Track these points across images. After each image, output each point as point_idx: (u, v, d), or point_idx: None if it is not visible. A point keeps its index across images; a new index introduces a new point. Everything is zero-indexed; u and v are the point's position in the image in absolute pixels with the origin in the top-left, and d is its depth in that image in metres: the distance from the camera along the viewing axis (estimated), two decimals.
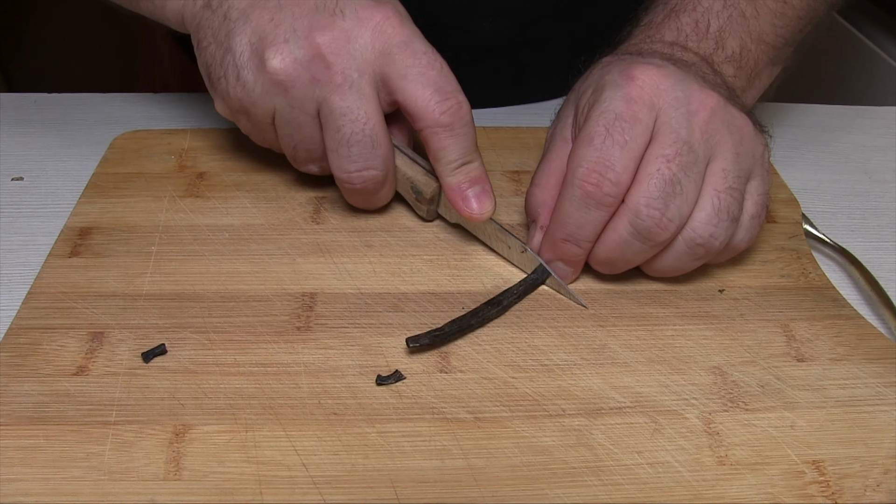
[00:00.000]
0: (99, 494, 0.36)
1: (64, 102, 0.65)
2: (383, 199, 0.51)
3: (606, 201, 0.44)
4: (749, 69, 0.53)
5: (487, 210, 0.48)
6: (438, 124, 0.46)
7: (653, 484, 0.37)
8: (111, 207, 0.52)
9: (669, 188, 0.43)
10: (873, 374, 0.43)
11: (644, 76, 0.45)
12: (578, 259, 0.46)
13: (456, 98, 0.46)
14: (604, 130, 0.44)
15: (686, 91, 0.45)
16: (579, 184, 0.44)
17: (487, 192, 0.48)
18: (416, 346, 0.42)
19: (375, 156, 0.47)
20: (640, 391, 0.41)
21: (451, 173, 0.47)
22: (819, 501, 0.37)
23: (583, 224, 0.45)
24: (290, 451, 0.37)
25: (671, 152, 0.43)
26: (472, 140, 0.47)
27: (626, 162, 0.43)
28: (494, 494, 0.36)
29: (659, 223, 0.43)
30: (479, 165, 0.48)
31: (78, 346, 0.42)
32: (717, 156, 0.44)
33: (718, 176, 0.44)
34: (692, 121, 0.44)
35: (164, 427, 0.38)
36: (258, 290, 0.46)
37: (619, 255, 0.45)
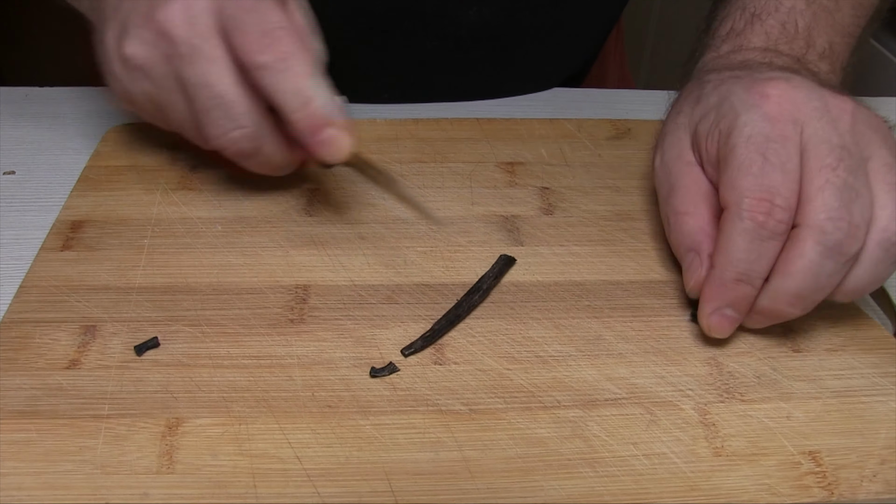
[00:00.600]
0: (92, 488, 0.35)
1: (56, 96, 0.65)
2: (277, 160, 0.49)
3: (780, 229, 0.40)
4: (840, 64, 0.51)
5: (344, 148, 0.45)
6: (257, 66, 0.44)
7: (648, 475, 0.37)
8: (103, 201, 0.52)
9: (846, 195, 0.40)
10: (869, 364, 0.43)
11: (776, 91, 0.42)
12: (749, 301, 0.42)
13: (273, 34, 0.44)
14: (759, 156, 0.41)
15: (821, 99, 0.42)
16: (748, 216, 0.40)
17: (339, 130, 0.45)
18: (410, 352, 0.42)
19: (237, 114, 0.45)
20: (636, 382, 0.41)
21: (292, 118, 0.44)
22: (815, 492, 0.37)
23: (757, 258, 0.41)
24: (284, 444, 0.37)
25: (832, 161, 0.40)
26: (303, 72, 0.44)
27: (790, 184, 0.40)
28: (489, 486, 0.36)
29: (849, 233, 0.39)
30: (324, 101, 0.44)
31: (70, 339, 0.42)
32: (872, 155, 0.41)
33: (883, 171, 0.41)
34: (838, 127, 0.41)
35: (157, 420, 0.38)
36: (251, 283, 0.46)
37: (812, 282, 0.40)
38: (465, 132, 0.60)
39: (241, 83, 0.45)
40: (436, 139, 0.59)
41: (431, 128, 0.60)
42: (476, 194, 0.54)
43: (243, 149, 0.47)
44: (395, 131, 0.60)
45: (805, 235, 0.40)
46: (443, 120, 0.61)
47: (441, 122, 0.61)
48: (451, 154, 0.57)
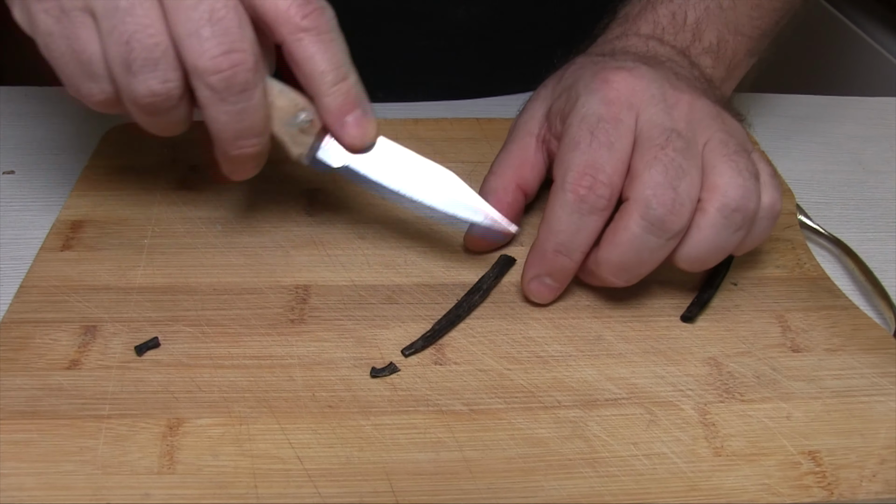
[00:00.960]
0: (92, 488, 0.35)
1: (55, 95, 0.65)
2: (258, 118, 0.41)
3: (600, 204, 0.42)
4: (727, 60, 0.52)
5: (370, 137, 0.44)
6: (301, 28, 0.40)
7: (648, 475, 0.37)
8: (103, 200, 0.52)
9: (672, 171, 0.41)
10: (869, 364, 0.43)
11: (618, 78, 0.44)
12: (567, 273, 0.44)
13: (316, 3, 0.41)
14: (588, 134, 0.42)
15: (661, 89, 0.44)
16: (571, 188, 0.42)
17: (368, 115, 0.43)
18: (411, 353, 0.42)
19: (244, 37, 0.39)
20: (636, 382, 0.41)
21: (327, 91, 0.42)
22: (815, 492, 0.37)
23: (576, 231, 0.42)
24: (285, 444, 0.37)
25: (661, 141, 0.42)
26: (343, 50, 0.42)
27: (616, 163, 0.42)
28: (490, 486, 0.36)
29: (672, 209, 0.40)
30: (357, 83, 0.43)
31: (70, 339, 0.42)
32: (710, 138, 0.43)
33: (720, 147, 0.42)
34: (672, 113, 0.43)
35: (158, 421, 0.38)
36: (252, 283, 0.46)
37: (633, 254, 0.41)
38: (465, 132, 0.60)
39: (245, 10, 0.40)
40: (436, 139, 0.59)
41: (431, 128, 0.60)
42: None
43: (238, 78, 0.39)
44: (394, 131, 0.59)
45: (631, 209, 0.41)
46: (443, 120, 0.61)
47: (441, 121, 0.61)
48: (451, 154, 0.57)
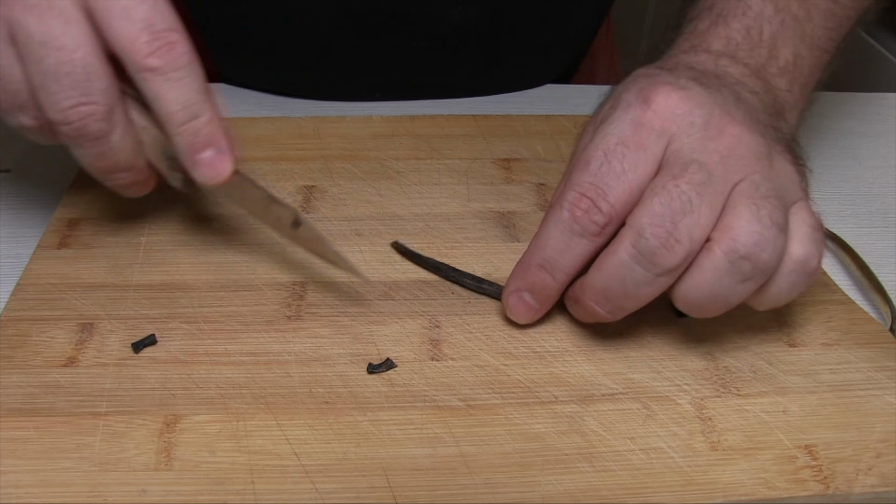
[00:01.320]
0: (90, 485, 0.35)
1: None
2: (123, 157, 0.42)
3: (592, 230, 0.39)
4: (803, 79, 0.48)
5: (223, 174, 0.42)
6: (147, 68, 0.39)
7: (645, 470, 0.37)
8: (100, 198, 0.52)
9: (677, 205, 0.37)
10: (865, 358, 0.43)
11: (660, 98, 0.40)
12: (548, 294, 0.42)
13: (168, 37, 0.39)
14: (602, 155, 0.40)
15: (707, 116, 0.40)
16: (568, 207, 0.40)
17: (223, 154, 0.41)
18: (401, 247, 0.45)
19: (93, 88, 0.39)
20: (632, 377, 0.41)
21: (175, 131, 0.40)
22: (812, 486, 0.37)
23: (564, 250, 0.40)
24: (282, 440, 0.37)
25: (678, 172, 0.38)
26: (194, 89, 0.40)
27: (622, 192, 0.39)
28: (487, 481, 0.36)
29: (665, 243, 0.37)
30: (209, 120, 0.41)
31: (67, 337, 0.42)
32: (744, 178, 0.39)
33: (749, 186, 0.38)
34: (707, 145, 0.39)
35: (155, 417, 0.38)
36: (248, 280, 0.46)
37: (617, 282, 0.39)
38: (462, 129, 0.60)
39: (102, 55, 0.39)
40: (432, 136, 0.59)
41: (428, 125, 0.60)
42: (472, 191, 0.54)
43: (90, 127, 0.40)
44: (391, 128, 0.60)
45: (623, 235, 0.39)
46: (439, 117, 0.61)
47: (437, 118, 0.61)
48: (447, 150, 0.57)
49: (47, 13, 0.38)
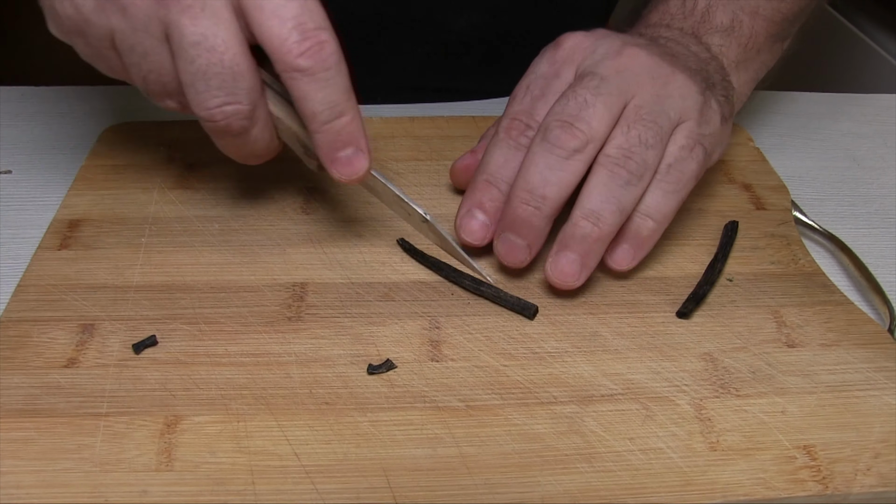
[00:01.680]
0: (90, 486, 0.35)
1: (51, 95, 0.65)
2: (261, 146, 0.45)
3: (523, 141, 0.45)
4: (744, 40, 0.53)
5: (359, 172, 0.43)
6: (296, 68, 0.40)
7: (644, 470, 0.37)
8: (100, 199, 0.52)
9: (574, 104, 0.43)
10: (863, 359, 0.43)
11: (569, 39, 0.48)
12: (494, 202, 0.45)
13: (318, 36, 0.40)
14: (525, 87, 0.47)
15: (609, 45, 0.46)
16: (503, 130, 0.46)
17: (360, 153, 0.43)
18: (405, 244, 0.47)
19: (238, 88, 0.41)
20: (632, 378, 0.41)
21: (318, 129, 0.42)
22: (810, 486, 0.37)
23: (503, 164, 0.45)
24: (282, 441, 0.37)
25: (577, 81, 0.45)
26: (340, 89, 0.41)
27: (545, 110, 0.45)
28: (486, 482, 0.36)
29: (565, 128, 0.43)
30: (351, 120, 0.42)
31: (68, 338, 0.42)
32: (635, 96, 0.45)
33: (631, 111, 0.44)
34: (606, 62, 0.45)
35: (156, 418, 0.38)
36: (248, 281, 0.46)
37: (534, 171, 0.43)
38: (461, 130, 0.60)
39: (248, 54, 0.41)
40: (432, 137, 0.59)
41: (427, 126, 0.60)
42: None
43: (233, 125, 0.42)
44: (391, 129, 0.60)
45: (535, 135, 0.44)
46: (439, 118, 0.61)
47: (437, 120, 0.61)
48: (447, 151, 0.57)
49: (200, 14, 0.39)
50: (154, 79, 0.42)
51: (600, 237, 0.43)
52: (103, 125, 0.59)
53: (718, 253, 0.49)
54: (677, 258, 0.49)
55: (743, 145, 0.60)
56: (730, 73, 0.52)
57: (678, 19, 0.53)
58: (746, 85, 0.54)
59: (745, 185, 0.56)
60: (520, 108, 0.46)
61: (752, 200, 0.54)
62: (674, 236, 0.51)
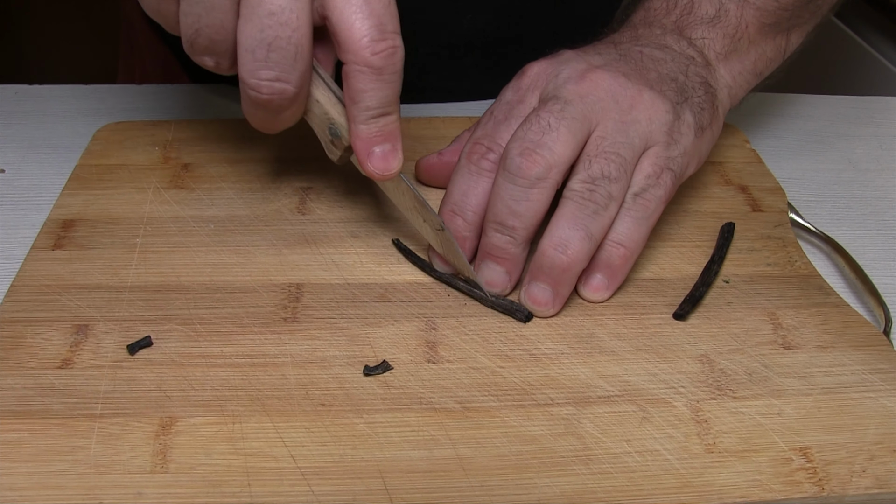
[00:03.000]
0: (85, 488, 0.35)
1: (45, 94, 0.65)
2: (286, 123, 0.45)
3: (487, 166, 0.45)
4: (731, 30, 0.53)
5: (392, 170, 0.44)
6: (368, 64, 0.41)
7: (641, 472, 0.37)
8: (95, 199, 0.51)
9: (537, 128, 0.43)
10: (859, 361, 0.43)
11: (532, 67, 0.48)
12: (462, 235, 0.46)
13: (394, 40, 0.42)
14: (489, 114, 0.48)
15: (571, 70, 0.46)
16: (465, 156, 0.46)
17: (396, 152, 0.44)
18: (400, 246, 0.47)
19: (294, 69, 0.41)
20: (628, 380, 0.41)
21: (365, 121, 0.43)
22: (806, 488, 0.37)
23: (466, 192, 0.45)
24: (278, 443, 0.37)
25: (540, 106, 0.45)
26: (396, 90, 0.43)
27: (508, 135, 0.45)
28: (483, 484, 0.36)
29: (526, 155, 0.43)
30: (396, 120, 0.44)
31: (62, 339, 0.42)
32: (598, 125, 0.45)
33: (594, 142, 0.44)
34: (568, 87, 0.45)
35: (151, 419, 0.38)
36: (244, 282, 0.46)
37: (500, 203, 0.43)
38: (459, 130, 0.59)
39: (312, 35, 0.41)
40: (428, 137, 0.59)
41: (424, 126, 0.60)
42: None
43: (274, 102, 0.42)
44: None
45: (500, 166, 0.44)
46: (435, 119, 0.61)
47: (433, 120, 0.61)
48: None
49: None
50: (207, 34, 0.41)
51: (570, 265, 0.43)
52: (98, 124, 0.59)
53: (715, 255, 0.49)
54: (673, 260, 0.49)
55: (739, 147, 0.60)
56: (717, 66, 0.52)
57: (661, 15, 0.53)
58: (742, 77, 0.54)
59: (741, 187, 0.56)
60: (482, 132, 0.47)
61: (749, 202, 0.54)
62: (670, 238, 0.51)
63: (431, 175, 0.53)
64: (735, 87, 0.53)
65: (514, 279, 0.46)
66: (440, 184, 0.52)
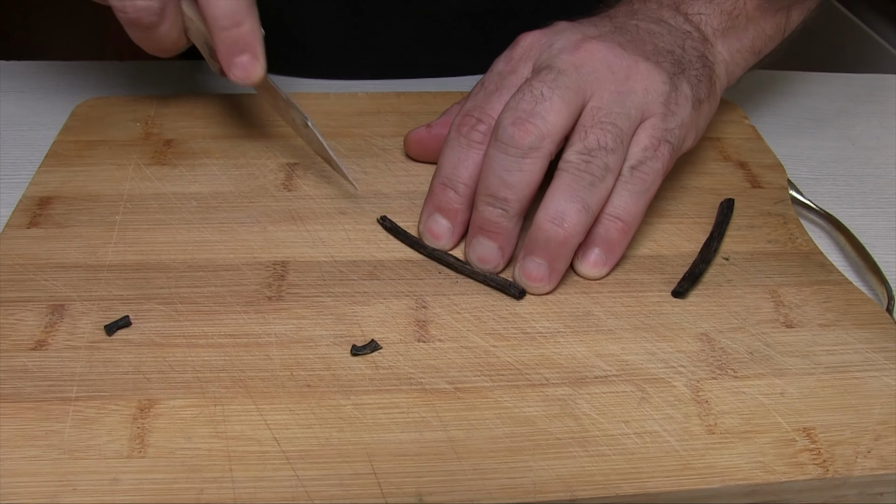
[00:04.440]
0: (58, 474, 0.34)
1: (25, 70, 0.63)
2: (168, 42, 0.49)
3: (478, 138, 0.44)
4: (727, 6, 0.51)
5: (253, 78, 0.47)
6: None
7: (640, 454, 0.36)
8: (73, 176, 0.50)
9: (529, 97, 0.42)
10: (863, 339, 0.42)
11: (525, 37, 0.47)
12: (454, 207, 0.45)
13: None
14: (480, 86, 0.47)
15: (565, 40, 0.45)
16: (456, 128, 0.45)
17: (256, 60, 0.47)
18: (387, 223, 0.46)
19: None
20: (626, 359, 0.40)
21: (218, 32, 0.46)
22: (810, 469, 0.36)
23: (457, 164, 0.44)
24: (261, 425, 0.36)
25: (533, 76, 0.44)
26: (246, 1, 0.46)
27: (499, 105, 0.44)
28: (475, 467, 0.35)
29: (518, 124, 0.41)
30: (249, 30, 0.46)
31: (37, 319, 0.40)
32: (594, 95, 0.43)
33: (589, 113, 0.43)
34: (562, 57, 0.44)
35: (128, 402, 0.37)
36: (227, 259, 0.44)
37: (492, 175, 0.42)
38: (448, 105, 0.58)
39: None
40: (418, 112, 0.57)
41: (414, 101, 0.58)
42: None
43: (142, 19, 0.46)
44: (376, 105, 0.58)
45: (491, 136, 0.43)
46: (426, 94, 0.59)
47: (424, 95, 0.59)
48: None
49: None
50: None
51: (566, 239, 0.42)
52: (78, 101, 0.57)
53: (714, 231, 0.48)
54: (672, 236, 0.48)
55: (737, 123, 0.59)
56: (714, 42, 0.51)
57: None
58: (739, 54, 0.52)
59: (740, 163, 0.54)
60: (472, 103, 0.45)
61: (748, 178, 0.53)
62: (668, 214, 0.49)
63: (421, 149, 0.52)
64: (732, 63, 0.52)
65: (507, 255, 0.44)
66: (430, 158, 0.50)
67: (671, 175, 0.52)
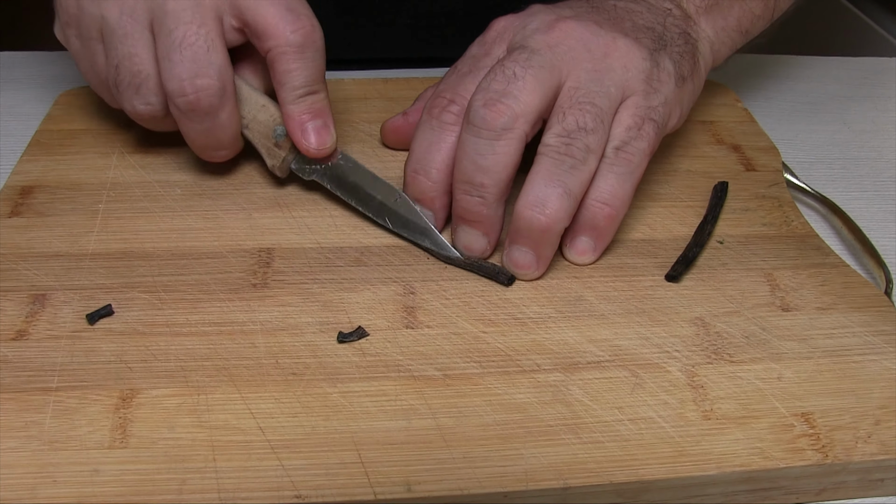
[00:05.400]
0: (38, 466, 0.33)
1: (6, 61, 0.62)
2: (228, 134, 0.46)
3: (449, 119, 0.43)
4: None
5: (327, 145, 0.45)
6: (288, 44, 0.43)
7: (635, 441, 0.35)
8: (55, 165, 0.49)
9: (501, 77, 0.41)
10: (861, 322, 0.41)
11: (499, 21, 0.46)
12: (430, 195, 0.44)
13: (310, 20, 0.44)
14: (453, 69, 0.46)
15: (540, 21, 0.44)
16: (427, 111, 0.44)
17: (328, 128, 0.45)
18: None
19: (210, 62, 0.43)
20: (619, 344, 0.39)
21: (293, 101, 0.45)
22: (809, 455, 0.35)
23: (428, 148, 0.43)
24: (246, 414, 0.35)
25: (506, 56, 0.43)
26: (320, 68, 0.45)
27: (472, 86, 0.43)
28: (466, 455, 0.34)
29: (489, 105, 0.40)
30: (324, 98, 0.46)
31: (17, 309, 0.39)
32: (570, 75, 0.42)
33: (567, 93, 0.42)
34: (536, 37, 0.43)
35: (110, 392, 0.36)
36: (212, 247, 0.43)
37: (467, 160, 0.41)
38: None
39: (223, 35, 0.44)
40: (406, 98, 0.56)
41: (401, 87, 0.58)
42: None
43: (202, 100, 0.43)
44: (363, 91, 0.57)
45: (463, 119, 0.42)
46: (413, 79, 0.59)
47: (412, 80, 0.58)
48: None
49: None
50: (127, 67, 0.44)
51: (549, 226, 0.41)
52: (59, 91, 0.56)
53: (708, 214, 0.47)
54: (665, 220, 0.47)
55: (730, 106, 0.58)
56: (697, 20, 0.50)
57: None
58: (725, 33, 0.51)
59: (733, 146, 0.54)
60: (444, 85, 0.45)
61: (742, 161, 0.52)
62: (660, 197, 0.49)
63: (398, 137, 0.51)
64: (717, 42, 0.51)
65: (492, 241, 0.43)
66: (407, 146, 0.49)
67: (663, 158, 0.51)
